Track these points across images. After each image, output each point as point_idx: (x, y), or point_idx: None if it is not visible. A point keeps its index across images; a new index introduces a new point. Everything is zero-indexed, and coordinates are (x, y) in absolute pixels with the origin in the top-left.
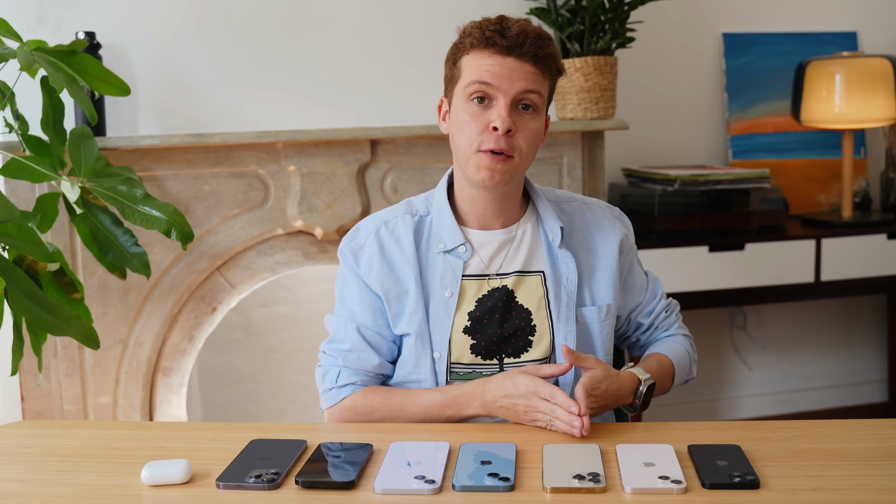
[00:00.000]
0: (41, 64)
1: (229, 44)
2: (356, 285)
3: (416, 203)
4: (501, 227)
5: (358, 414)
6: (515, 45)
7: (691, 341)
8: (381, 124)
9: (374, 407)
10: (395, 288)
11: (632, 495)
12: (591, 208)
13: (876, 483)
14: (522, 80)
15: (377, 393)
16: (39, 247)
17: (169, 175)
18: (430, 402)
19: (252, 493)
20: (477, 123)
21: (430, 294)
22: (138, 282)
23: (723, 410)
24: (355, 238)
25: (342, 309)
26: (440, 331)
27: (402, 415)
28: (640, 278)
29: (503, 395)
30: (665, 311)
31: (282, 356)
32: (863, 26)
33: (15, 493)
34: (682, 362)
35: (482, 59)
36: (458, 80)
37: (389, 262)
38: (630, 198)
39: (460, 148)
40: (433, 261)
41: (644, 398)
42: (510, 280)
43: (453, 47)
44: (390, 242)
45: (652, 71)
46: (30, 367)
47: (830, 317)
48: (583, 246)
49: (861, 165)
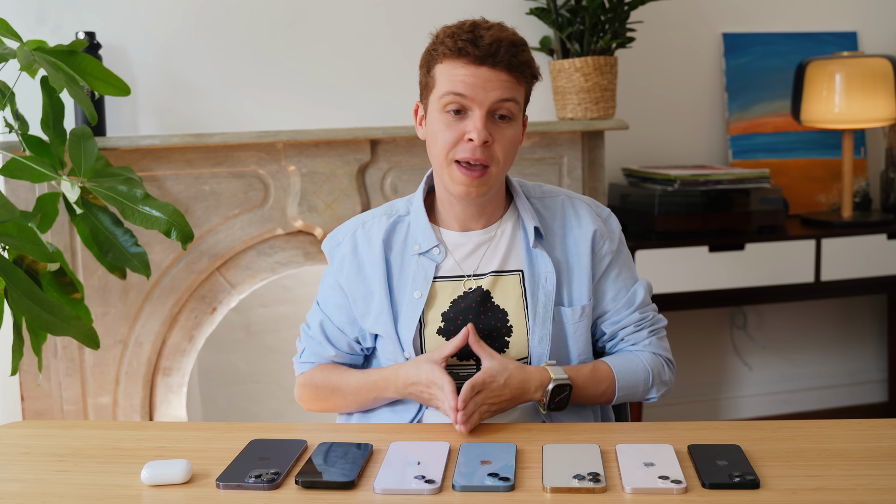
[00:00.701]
0: (41, 64)
1: (229, 44)
2: (330, 280)
3: (398, 204)
4: (482, 228)
5: (308, 389)
6: (489, 55)
7: (663, 360)
8: (381, 124)
9: (318, 385)
10: (361, 289)
11: (632, 495)
12: (576, 203)
13: (876, 483)
14: (497, 90)
15: (323, 371)
16: (39, 247)
17: (169, 175)
18: (358, 384)
19: (252, 493)
20: (452, 133)
21: (402, 295)
22: (138, 282)
23: (723, 410)
24: (335, 236)
25: (319, 296)
26: (407, 331)
27: (338, 393)
28: (616, 285)
29: (411, 383)
30: (636, 325)
31: (282, 356)
32: (863, 26)
33: (15, 493)
34: (632, 377)
35: (456, 69)
36: (433, 89)
37: (359, 263)
38: (630, 198)
39: (436, 157)
40: (408, 262)
41: (551, 397)
42: (486, 280)
43: (427, 53)
44: (363, 244)
45: (652, 71)
46: (30, 367)
47: (830, 317)
48: (562, 244)
49: (861, 165)
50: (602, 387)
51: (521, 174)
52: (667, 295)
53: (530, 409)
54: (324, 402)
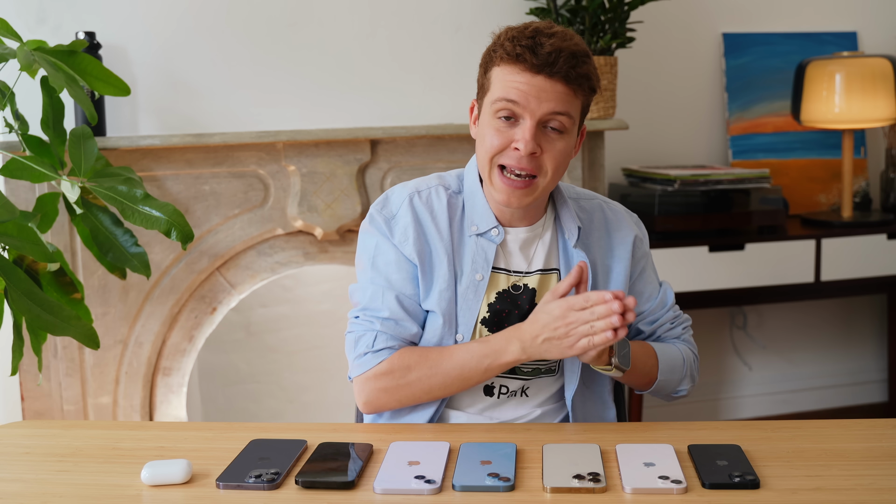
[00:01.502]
0: (41, 64)
1: (229, 44)
2: (392, 252)
3: (448, 178)
4: (527, 225)
5: (394, 377)
6: (546, 64)
7: (695, 356)
8: (381, 124)
9: (411, 365)
10: (429, 261)
11: (632, 495)
12: (612, 208)
13: (876, 483)
14: (551, 102)
15: (413, 352)
16: (39, 247)
17: (169, 175)
18: (469, 354)
19: (252, 493)
20: (500, 139)
21: (461, 275)
22: (138, 282)
23: (723, 410)
24: (386, 206)
25: (376, 277)
26: (467, 313)
27: (438, 371)
28: (649, 286)
29: (542, 327)
30: (671, 322)
31: (282, 356)
32: (863, 26)
33: (15, 493)
34: (671, 361)
35: (511, 74)
36: (488, 92)
37: (425, 234)
38: (630, 198)
39: (481, 159)
40: (465, 242)
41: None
42: (533, 279)
43: (486, 53)
44: (424, 213)
45: (652, 71)
46: (30, 367)
47: (830, 317)
48: (599, 245)
49: (861, 165)
50: (650, 363)
51: None
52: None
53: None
54: (409, 389)
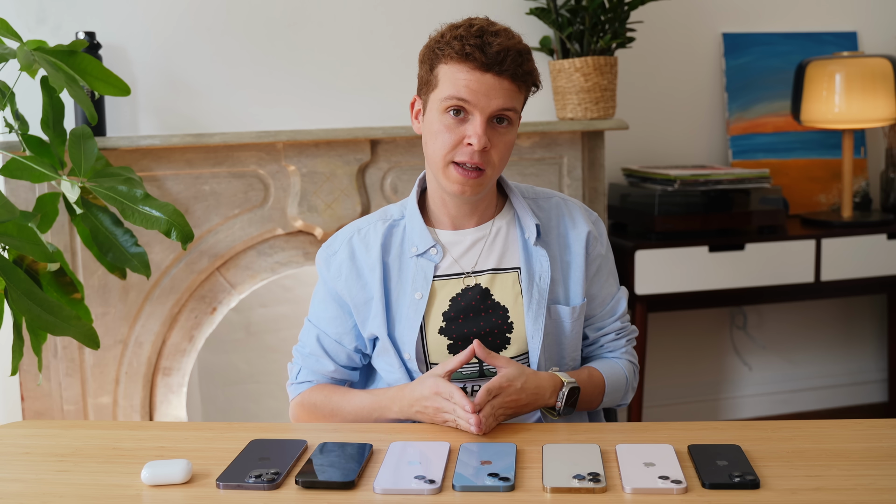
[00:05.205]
0: (41, 64)
1: (229, 44)
2: (324, 292)
3: (392, 209)
4: (475, 226)
5: (306, 409)
6: (495, 63)
7: (635, 369)
8: (380, 124)
9: (317, 404)
10: (362, 295)
11: (632, 495)
12: (569, 205)
13: (876, 483)
14: (500, 98)
15: (322, 391)
16: (39, 247)
17: (169, 175)
18: (360, 404)
19: (252, 493)
20: (452, 135)
21: (402, 298)
22: (138, 282)
23: (723, 410)
24: (331, 245)
25: (311, 314)
26: (409, 332)
27: (338, 413)
28: (603, 290)
29: (416, 399)
30: (616, 333)
31: (282, 356)
32: (863, 26)
33: (15, 493)
34: (616, 384)
35: (460, 73)
36: (435, 89)
37: (358, 269)
38: (630, 198)
39: (433, 156)
40: (406, 265)
41: (566, 401)
42: (484, 278)
43: (430, 50)
44: (361, 249)
45: (652, 71)
46: (30, 367)
47: (830, 317)
48: (558, 243)
49: (861, 165)
50: (596, 392)
51: (522, 174)
52: (667, 295)
53: None
54: (323, 419)
